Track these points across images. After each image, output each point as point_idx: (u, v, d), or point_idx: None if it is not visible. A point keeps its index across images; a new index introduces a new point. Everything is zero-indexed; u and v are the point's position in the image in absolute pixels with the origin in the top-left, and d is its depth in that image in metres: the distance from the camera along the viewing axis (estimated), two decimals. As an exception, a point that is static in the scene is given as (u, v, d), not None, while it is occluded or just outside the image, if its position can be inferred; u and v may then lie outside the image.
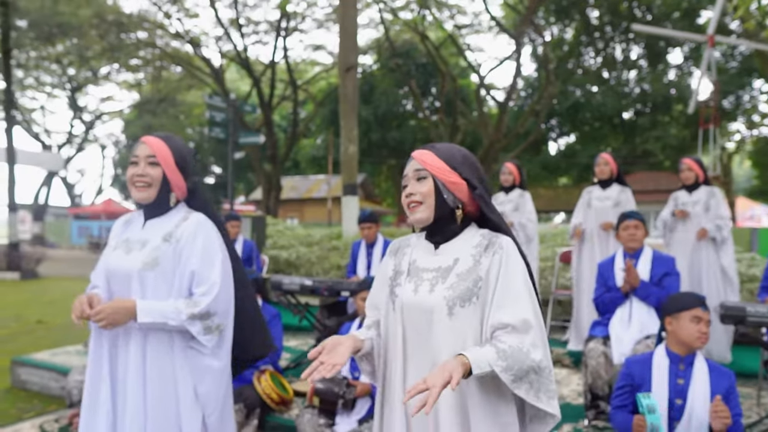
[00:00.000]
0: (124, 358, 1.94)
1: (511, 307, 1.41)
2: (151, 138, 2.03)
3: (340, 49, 7.53)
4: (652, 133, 25.95)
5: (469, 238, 1.54)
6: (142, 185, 1.98)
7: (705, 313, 2.36)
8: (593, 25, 28.72)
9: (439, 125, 23.48)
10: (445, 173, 1.52)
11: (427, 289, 1.49)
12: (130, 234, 2.06)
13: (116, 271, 1.98)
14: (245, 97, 25.70)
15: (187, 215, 2.04)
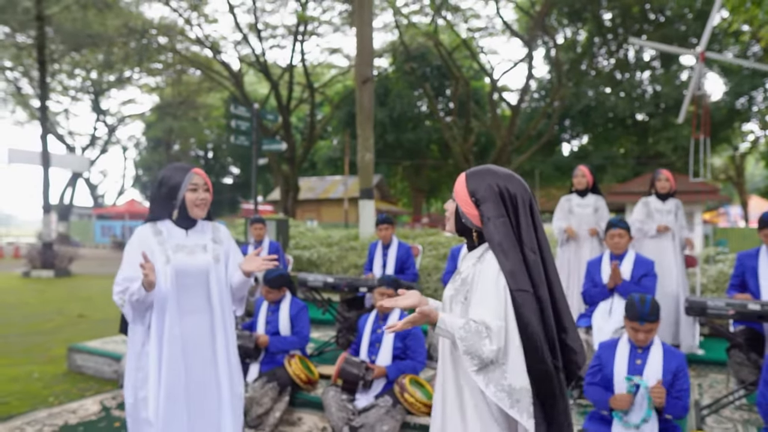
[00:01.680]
0: (201, 327, 2.57)
1: (477, 304, 1.76)
2: (200, 170, 2.62)
3: (356, 62, 8.06)
4: (663, 135, 26.14)
5: (475, 251, 1.91)
6: (204, 206, 2.60)
7: (642, 326, 2.83)
8: (606, 26, 28.96)
9: (453, 127, 23.94)
10: (463, 203, 1.84)
11: (451, 287, 1.93)
12: (179, 241, 2.60)
13: (190, 268, 2.55)
14: (264, 101, 26.39)
15: (215, 225, 2.74)
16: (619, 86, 28.79)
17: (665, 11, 26.65)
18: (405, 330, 3.77)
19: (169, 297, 2.51)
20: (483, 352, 1.66)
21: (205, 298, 2.58)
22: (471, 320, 1.71)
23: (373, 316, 4.01)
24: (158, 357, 2.51)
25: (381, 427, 3.43)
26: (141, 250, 2.47)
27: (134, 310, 2.49)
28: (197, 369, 2.55)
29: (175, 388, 2.50)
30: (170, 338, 2.51)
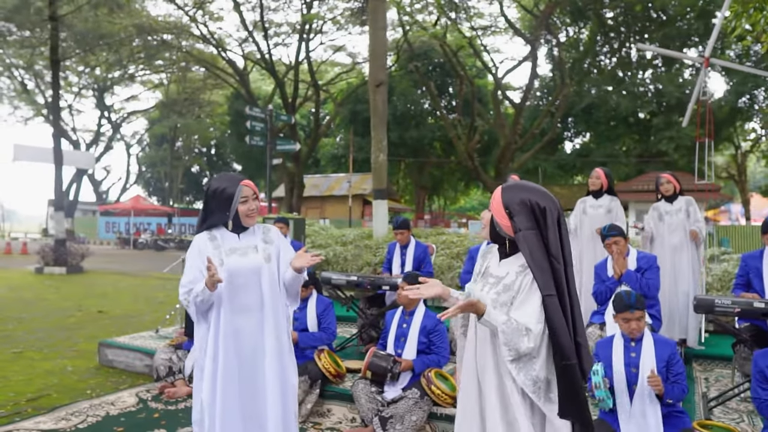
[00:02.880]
0: (252, 325, 2.78)
1: (523, 311, 2.05)
2: (248, 182, 2.82)
3: (370, 67, 8.28)
4: (665, 134, 26.30)
5: (516, 260, 2.16)
6: (255, 215, 2.83)
7: (632, 314, 3.08)
8: (608, 25, 29.12)
9: (457, 126, 24.12)
10: (498, 214, 2.10)
11: (488, 290, 2.17)
12: (232, 244, 2.82)
13: (242, 269, 2.77)
14: (269, 98, 26.58)
15: (264, 226, 2.95)
16: (621, 85, 28.96)
17: (667, 10, 26.81)
18: (430, 326, 4.05)
19: (223, 297, 2.74)
20: (521, 347, 1.97)
21: (258, 296, 2.78)
22: (513, 319, 2.00)
23: (400, 312, 4.23)
24: (214, 353, 2.75)
25: (410, 418, 3.66)
26: (201, 255, 2.73)
27: (198, 310, 2.74)
28: (248, 363, 2.76)
29: (230, 383, 2.73)
30: (224, 335, 2.74)
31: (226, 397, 2.72)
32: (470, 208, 53.49)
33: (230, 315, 2.75)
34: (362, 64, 30.49)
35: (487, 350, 2.18)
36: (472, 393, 2.24)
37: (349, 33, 26.42)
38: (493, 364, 2.15)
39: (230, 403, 2.73)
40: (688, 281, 5.06)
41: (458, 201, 48.23)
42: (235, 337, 2.75)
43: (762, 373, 3.03)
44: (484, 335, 2.20)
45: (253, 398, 2.77)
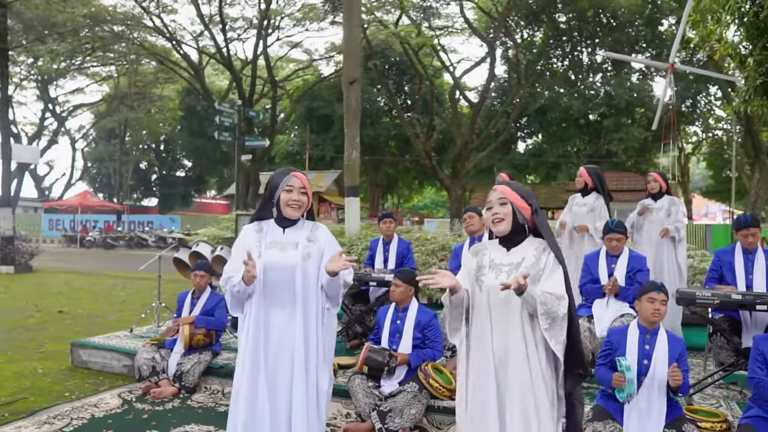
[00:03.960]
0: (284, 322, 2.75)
1: (552, 282, 2.30)
2: (299, 173, 2.81)
3: (344, 64, 8.27)
4: (615, 135, 27.24)
5: (529, 244, 2.41)
6: (297, 207, 2.77)
7: (658, 295, 3.25)
8: (561, 29, 29.94)
9: (416, 124, 24.29)
10: (519, 201, 2.37)
11: (506, 277, 2.34)
12: (275, 237, 2.81)
13: (277, 264, 2.74)
14: (224, 94, 26.09)
15: (314, 225, 2.88)
16: (573, 87, 29.84)
17: (617, 17, 27.76)
18: (425, 321, 4.10)
19: (258, 290, 2.73)
20: (559, 313, 2.25)
21: (291, 293, 2.74)
22: (545, 292, 2.27)
23: (393, 309, 4.25)
24: (246, 342, 2.76)
25: (409, 411, 3.70)
26: (245, 246, 2.73)
27: (233, 299, 2.75)
28: (272, 358, 2.73)
29: (255, 374, 2.71)
30: (255, 326, 2.73)
31: (251, 387, 2.71)
32: (423, 206, 53.94)
33: (263, 308, 2.76)
34: (319, 62, 30.37)
35: (510, 338, 2.34)
36: (488, 383, 2.35)
37: (306, 30, 26.26)
38: (520, 351, 2.32)
39: (254, 395, 2.71)
40: (667, 277, 5.29)
41: (412, 199, 48.57)
42: (266, 330, 2.75)
43: (762, 355, 3.22)
44: (505, 325, 2.35)
45: (275, 396, 2.73)
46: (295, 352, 2.73)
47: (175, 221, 31.54)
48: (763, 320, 4.14)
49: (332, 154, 31.94)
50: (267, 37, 22.70)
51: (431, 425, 3.83)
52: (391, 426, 3.66)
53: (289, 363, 2.74)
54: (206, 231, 8.22)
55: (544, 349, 2.32)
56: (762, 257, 4.39)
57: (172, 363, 4.63)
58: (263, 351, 2.73)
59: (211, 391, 4.57)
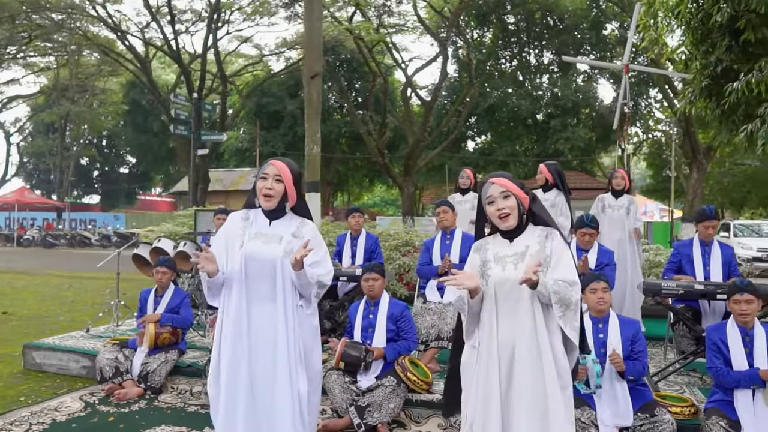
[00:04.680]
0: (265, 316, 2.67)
1: (562, 269, 2.29)
2: (277, 161, 2.70)
3: (305, 58, 8.17)
4: (562, 135, 27.97)
5: (531, 231, 2.40)
6: (271, 196, 2.66)
7: (599, 284, 3.40)
8: (510, 30, 30.56)
9: (368, 122, 24.27)
10: (520, 193, 2.36)
11: (512, 268, 2.33)
12: (260, 229, 2.73)
13: (258, 256, 2.66)
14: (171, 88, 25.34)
15: (302, 220, 2.77)
16: (521, 88, 30.50)
17: (564, 19, 28.54)
18: (397, 313, 4.10)
19: (237, 281, 2.65)
20: (572, 299, 2.25)
21: (271, 288, 2.66)
22: (557, 280, 2.26)
23: (363, 304, 4.23)
24: (224, 335, 2.68)
25: (388, 405, 3.68)
26: (226, 235, 2.69)
27: (207, 289, 2.68)
28: (259, 358, 2.65)
29: (236, 372, 2.63)
30: (236, 321, 2.65)
31: (230, 386, 2.63)
32: (373, 204, 54.05)
33: (244, 303, 2.67)
34: (269, 57, 29.90)
35: (517, 330, 2.33)
36: (492, 376, 2.34)
37: (257, 24, 25.82)
38: (528, 343, 2.31)
39: (233, 400, 2.63)
40: (630, 272, 5.48)
41: (362, 197, 48.58)
42: (248, 323, 2.67)
43: (716, 344, 3.38)
44: (512, 317, 2.34)
45: (258, 405, 2.65)
46: (278, 348, 2.65)
47: (120, 219, 30.42)
48: (720, 309, 4.34)
49: (283, 151, 31.57)
50: (217, 31, 22.17)
51: (409, 419, 3.83)
52: (370, 421, 3.64)
53: (271, 358, 2.66)
54: (161, 228, 7.96)
55: (557, 339, 2.31)
56: (718, 249, 4.62)
57: (137, 363, 4.46)
58: (246, 343, 2.65)
59: (178, 391, 4.42)
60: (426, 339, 4.52)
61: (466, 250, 4.86)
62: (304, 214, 2.80)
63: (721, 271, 4.52)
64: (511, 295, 2.34)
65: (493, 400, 2.33)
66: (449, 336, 4.48)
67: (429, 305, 4.71)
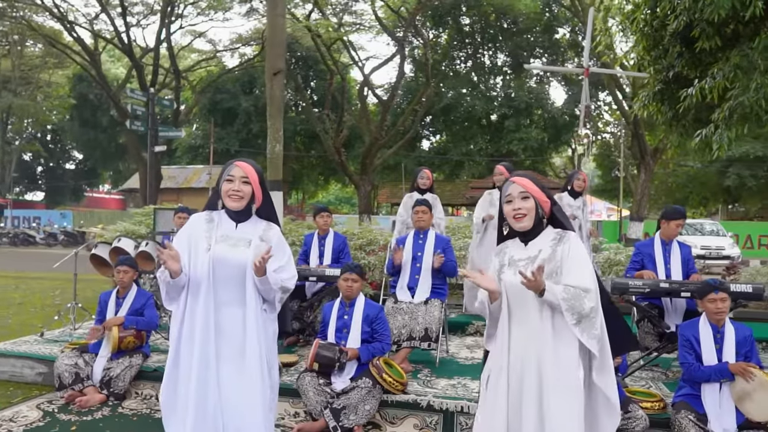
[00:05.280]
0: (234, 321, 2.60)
1: (575, 274, 2.23)
2: (241, 163, 2.64)
3: (267, 54, 8.02)
4: (516, 135, 28.51)
5: (546, 235, 2.35)
6: (238, 198, 2.60)
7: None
8: (465, 32, 30.92)
9: (325, 120, 24.12)
10: (540, 195, 2.31)
11: None
12: (226, 232, 2.65)
13: (227, 260, 2.58)
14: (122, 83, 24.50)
15: (267, 224, 2.73)
16: (476, 88, 30.91)
17: (518, 23, 29.07)
18: (373, 315, 4.07)
19: (205, 285, 2.56)
20: (584, 308, 2.16)
21: (241, 292, 2.60)
22: (568, 286, 2.18)
23: (338, 304, 4.18)
24: (180, 342, 2.59)
25: (364, 407, 3.65)
26: (190, 236, 2.59)
27: (167, 291, 2.57)
28: (228, 363, 2.59)
29: (206, 378, 2.55)
30: (204, 326, 2.56)
31: (200, 392, 2.54)
32: (327, 202, 53.84)
33: (212, 307, 2.58)
34: (223, 53, 29.35)
35: (530, 335, 2.29)
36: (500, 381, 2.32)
37: (211, 20, 25.31)
38: (539, 348, 2.25)
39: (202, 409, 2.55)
40: None
41: (317, 195, 48.31)
42: (216, 329, 2.58)
43: (688, 341, 3.49)
44: (525, 322, 2.30)
45: (225, 405, 2.59)
46: (247, 353, 2.59)
47: (67, 217, 29.25)
48: (682, 306, 4.49)
49: (237, 148, 31.06)
50: (170, 25, 21.58)
51: (384, 420, 3.81)
52: (346, 423, 3.60)
53: (240, 363, 2.59)
54: (117, 227, 7.67)
55: (565, 347, 2.22)
56: (677, 248, 4.77)
57: (98, 368, 4.29)
58: (214, 349, 2.57)
59: (143, 397, 4.27)
60: (398, 339, 4.50)
61: (438, 251, 4.88)
62: (269, 216, 2.75)
63: (681, 269, 4.68)
64: (522, 300, 2.29)
65: (500, 411, 2.30)
66: (421, 336, 4.49)
67: (400, 305, 4.70)
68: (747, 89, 6.20)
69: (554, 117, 29.10)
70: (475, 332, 5.79)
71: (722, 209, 30.73)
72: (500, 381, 2.30)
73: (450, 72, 31.96)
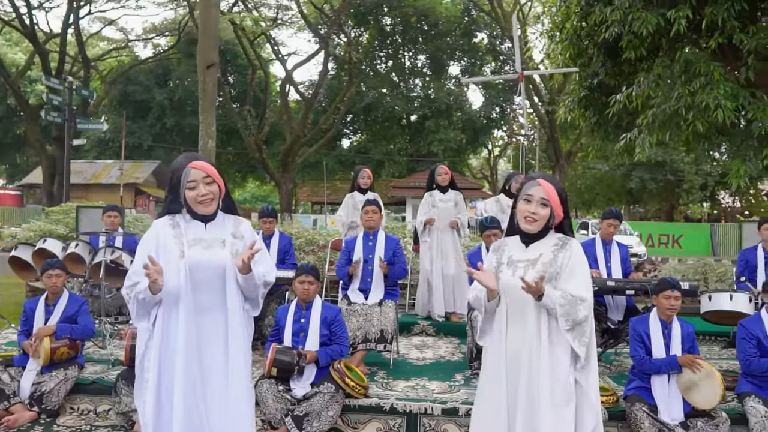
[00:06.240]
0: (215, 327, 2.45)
1: (574, 283, 2.27)
2: (197, 162, 2.44)
3: (200, 46, 7.65)
4: (435, 136, 29.03)
5: (548, 239, 2.36)
6: (209, 201, 2.43)
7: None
8: (386, 32, 31.14)
9: (246, 116, 23.51)
10: (558, 208, 2.32)
11: (522, 273, 2.29)
12: (197, 234, 2.48)
13: (205, 263, 2.42)
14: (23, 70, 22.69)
15: (236, 219, 2.58)
16: (397, 89, 31.22)
17: (438, 25, 29.63)
18: (331, 317, 3.98)
19: (183, 294, 2.38)
20: (578, 316, 2.22)
21: (221, 295, 2.45)
22: (568, 293, 2.22)
23: (294, 307, 4.05)
24: (160, 356, 2.40)
25: (327, 413, 3.55)
26: (159, 245, 2.39)
27: (139, 308, 2.38)
28: (212, 371, 2.44)
29: (193, 391, 2.39)
30: (186, 337, 2.38)
31: (189, 403, 2.37)
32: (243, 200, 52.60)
33: (192, 315, 2.40)
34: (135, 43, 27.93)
35: (526, 336, 2.31)
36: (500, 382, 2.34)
37: (123, 6, 24.00)
38: (535, 349, 2.29)
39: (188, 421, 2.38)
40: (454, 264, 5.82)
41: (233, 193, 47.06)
42: (199, 340, 2.42)
43: (639, 335, 3.66)
44: (522, 322, 2.32)
45: (211, 417, 2.44)
46: (230, 359, 2.45)
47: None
48: (622, 303, 4.73)
49: (150, 143, 29.68)
50: (79, 10, 20.22)
51: (347, 425, 3.73)
52: (309, 430, 3.49)
53: (224, 371, 2.44)
54: (31, 226, 7.04)
55: (561, 352, 2.27)
56: (617, 248, 5.02)
57: (26, 383, 3.89)
58: (197, 360, 2.41)
59: (80, 412, 3.94)
60: (353, 341, 4.42)
61: (389, 252, 4.85)
62: (232, 211, 2.60)
63: (621, 268, 4.92)
64: (520, 302, 2.31)
65: (501, 411, 2.31)
66: (376, 337, 4.44)
67: (354, 307, 4.62)
68: (669, 98, 6.62)
69: (472, 119, 29.91)
70: (421, 332, 5.81)
71: (625, 210, 32.82)
72: (500, 379, 2.32)
73: (371, 72, 32.09)
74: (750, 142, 6.57)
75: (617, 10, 6.72)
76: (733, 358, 5.12)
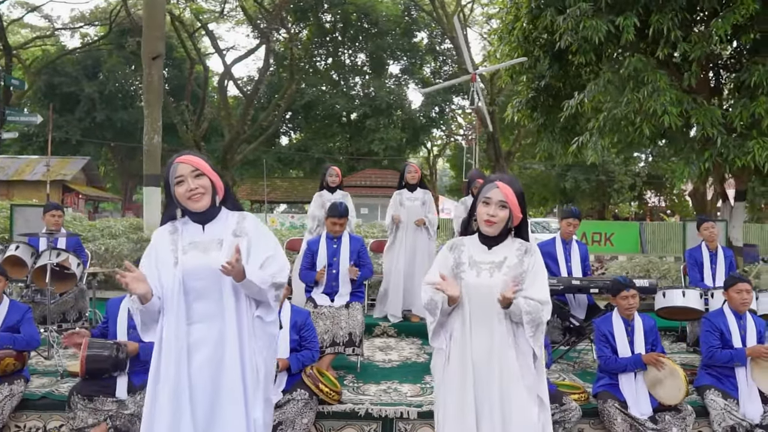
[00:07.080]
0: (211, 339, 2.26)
1: (537, 288, 2.31)
2: (183, 157, 2.28)
3: (145, 37, 7.26)
4: (376, 135, 29.01)
5: (510, 243, 2.38)
6: (200, 195, 2.25)
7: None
8: (326, 29, 30.89)
9: (184, 111, 22.74)
10: (516, 209, 2.32)
11: (488, 275, 2.30)
12: (193, 237, 2.30)
13: (200, 269, 2.24)
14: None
15: (240, 214, 2.38)
16: (337, 87, 31.01)
17: (379, 24, 29.64)
18: (301, 322, 3.86)
19: (176, 304, 2.21)
20: (543, 319, 2.29)
21: (218, 303, 2.26)
22: (529, 299, 2.26)
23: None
24: (157, 371, 2.24)
25: (301, 421, 3.43)
26: (157, 255, 2.25)
27: (142, 318, 2.22)
28: (206, 388, 2.26)
29: (181, 409, 2.21)
30: (177, 351, 2.21)
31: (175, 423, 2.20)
32: (178, 198, 50.93)
33: (184, 327, 2.23)
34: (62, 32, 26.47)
35: (493, 338, 2.32)
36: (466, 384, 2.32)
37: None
38: (502, 351, 2.31)
39: None
40: (426, 263, 5.70)
41: (168, 190, 45.41)
42: (190, 356, 2.24)
43: (604, 335, 3.74)
44: (487, 324, 2.32)
45: None
46: (229, 378, 2.25)
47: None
48: (584, 302, 4.84)
49: (79, 138, 28.22)
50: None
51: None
52: (283, 439, 3.36)
53: (216, 388, 2.26)
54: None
55: (528, 350, 2.33)
56: (576, 247, 5.13)
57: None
58: (187, 380, 2.22)
59: (27, 430, 3.64)
60: (321, 345, 4.31)
61: (354, 255, 4.74)
62: (236, 206, 2.43)
63: (581, 267, 5.03)
64: (484, 304, 2.32)
65: (468, 415, 2.30)
66: (345, 341, 4.34)
67: (321, 310, 4.51)
68: (619, 103, 6.85)
69: (412, 118, 30.08)
70: (382, 333, 5.76)
71: (558, 209, 33.98)
72: (467, 384, 2.30)
73: (310, 69, 31.74)
74: (692, 145, 6.88)
75: (569, 19, 6.86)
76: (683, 352, 5.37)
